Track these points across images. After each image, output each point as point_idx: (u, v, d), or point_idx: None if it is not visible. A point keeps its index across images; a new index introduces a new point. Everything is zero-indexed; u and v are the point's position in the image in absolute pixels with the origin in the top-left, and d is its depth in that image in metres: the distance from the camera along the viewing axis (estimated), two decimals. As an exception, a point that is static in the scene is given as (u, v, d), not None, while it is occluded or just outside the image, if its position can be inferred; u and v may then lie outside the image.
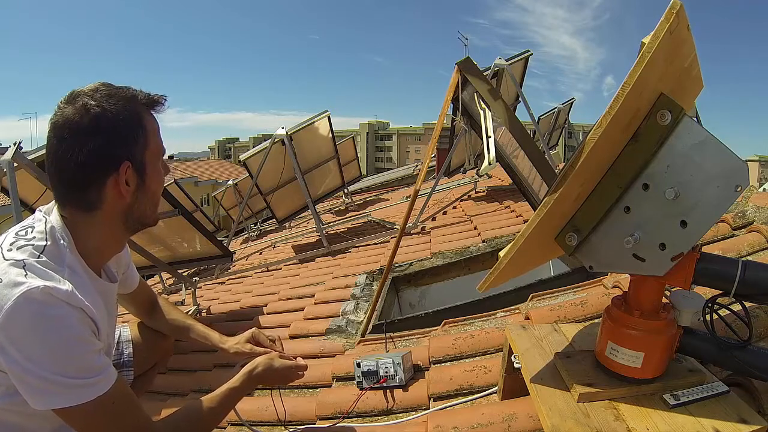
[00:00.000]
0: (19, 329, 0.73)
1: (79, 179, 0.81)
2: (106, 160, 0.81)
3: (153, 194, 0.90)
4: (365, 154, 55.37)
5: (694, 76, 0.86)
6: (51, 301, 0.74)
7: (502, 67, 3.81)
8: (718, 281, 0.78)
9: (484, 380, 1.28)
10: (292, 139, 4.06)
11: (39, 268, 0.77)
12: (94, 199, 0.83)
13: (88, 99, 0.79)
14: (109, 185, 0.82)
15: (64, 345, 0.75)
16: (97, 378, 0.79)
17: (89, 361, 0.79)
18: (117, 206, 0.85)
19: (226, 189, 9.84)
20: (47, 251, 0.81)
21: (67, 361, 0.76)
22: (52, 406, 0.76)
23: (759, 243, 1.42)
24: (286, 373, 1.11)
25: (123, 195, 0.84)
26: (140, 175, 0.85)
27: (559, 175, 0.72)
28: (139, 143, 0.84)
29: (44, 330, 0.74)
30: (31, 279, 0.75)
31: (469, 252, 2.61)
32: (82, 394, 0.77)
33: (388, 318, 1.97)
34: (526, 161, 2.34)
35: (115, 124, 0.81)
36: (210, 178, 20.53)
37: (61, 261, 0.81)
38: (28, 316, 0.73)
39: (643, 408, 0.76)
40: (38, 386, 0.75)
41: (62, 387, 0.75)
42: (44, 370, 0.74)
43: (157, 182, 0.90)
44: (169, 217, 2.70)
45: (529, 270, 1.23)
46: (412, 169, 10.85)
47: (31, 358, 0.73)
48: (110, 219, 0.86)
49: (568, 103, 8.15)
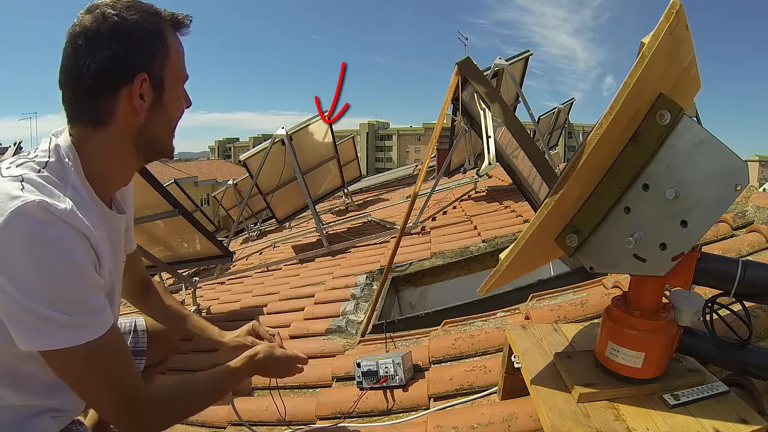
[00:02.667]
0: (10, 250, 0.65)
1: (92, 89, 0.76)
2: (121, 70, 0.76)
3: (169, 117, 0.84)
4: (365, 154, 55.36)
5: (692, 76, 0.86)
6: (47, 218, 0.67)
7: (502, 67, 3.81)
8: (718, 281, 0.78)
9: (484, 380, 1.28)
10: (292, 139, 4.06)
11: (38, 182, 0.70)
12: (106, 112, 0.77)
13: (107, 8, 0.76)
14: (122, 98, 0.77)
15: (58, 272, 0.68)
16: (92, 318, 0.72)
17: (85, 296, 0.71)
18: (130, 123, 0.79)
19: (226, 189, 9.85)
20: (49, 167, 0.74)
21: (60, 292, 0.68)
22: (39, 346, 0.69)
23: (759, 243, 1.42)
24: (287, 363, 1.08)
25: (137, 110, 0.78)
26: (157, 91, 0.80)
27: (559, 176, 0.72)
28: (158, 58, 0.79)
29: (37, 252, 0.66)
30: (28, 193, 0.68)
31: (469, 252, 2.61)
32: (73, 336, 0.70)
33: (388, 318, 1.97)
34: (526, 161, 2.34)
35: (133, 34, 0.76)
36: (210, 178, 20.53)
37: (64, 179, 0.74)
38: (21, 234, 0.65)
39: (643, 408, 0.76)
40: (26, 321, 0.68)
41: (51, 324, 0.68)
42: (33, 301, 0.67)
43: (176, 106, 0.85)
44: (169, 217, 2.71)
45: (530, 272, 1.23)
46: (412, 169, 10.85)
47: (20, 285, 0.66)
48: (122, 137, 0.80)
49: (568, 103, 8.15)
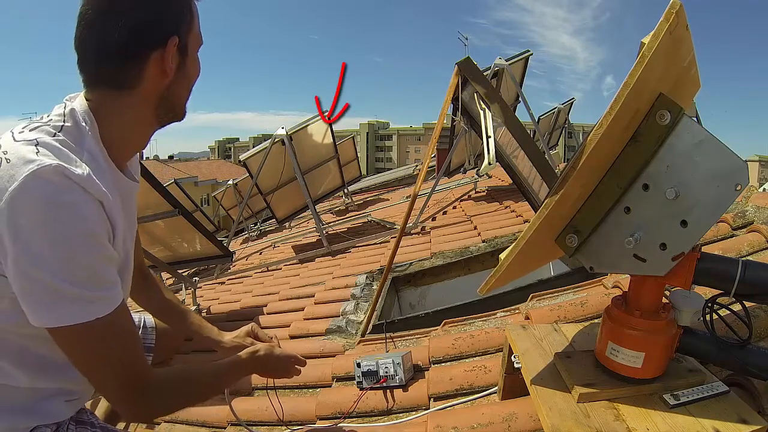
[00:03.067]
0: (24, 215, 0.63)
1: (122, 51, 0.74)
2: (156, 32, 0.75)
3: (189, 81, 0.85)
4: (365, 154, 55.36)
5: (692, 76, 0.86)
6: (64, 184, 0.65)
7: (502, 67, 3.81)
8: (718, 281, 0.78)
9: (484, 380, 1.28)
10: (292, 139, 4.06)
11: (54, 145, 0.68)
12: (133, 75, 0.76)
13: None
14: (152, 60, 0.76)
15: (71, 239, 0.65)
16: (102, 294, 0.70)
17: (97, 268, 0.69)
18: (156, 86, 0.78)
19: (226, 189, 9.84)
20: (65, 131, 0.72)
21: (72, 261, 0.66)
22: (48, 323, 0.67)
23: (759, 243, 1.42)
24: (286, 362, 1.09)
25: (166, 72, 0.77)
26: (182, 55, 0.80)
27: (559, 176, 0.72)
28: (186, 23, 0.79)
29: (51, 217, 0.64)
30: (44, 157, 0.65)
31: (469, 252, 2.61)
32: (82, 311, 0.68)
33: (388, 318, 1.97)
34: (526, 161, 2.34)
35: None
36: (210, 178, 20.54)
37: (80, 143, 0.72)
38: (36, 199, 0.63)
39: (643, 408, 0.76)
40: (36, 293, 0.66)
41: (61, 297, 0.66)
42: (44, 270, 0.64)
43: (196, 69, 0.85)
44: (169, 217, 2.71)
45: (530, 272, 1.23)
46: (412, 169, 10.85)
47: (32, 252, 0.64)
48: (145, 101, 0.79)
49: (568, 103, 8.15)
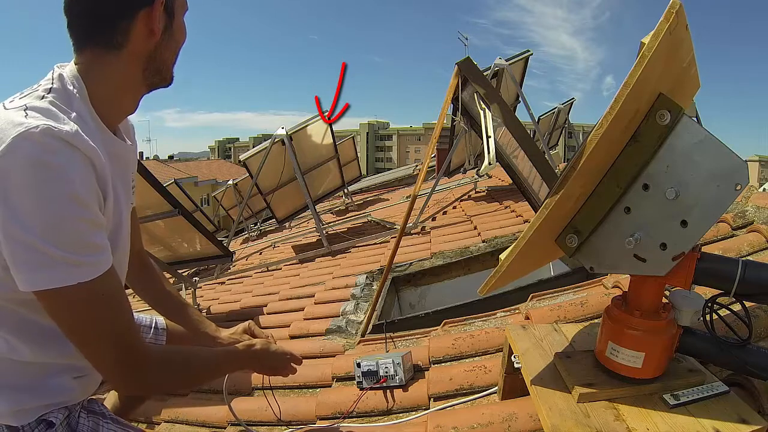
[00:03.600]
0: (11, 177, 0.63)
1: (111, 10, 0.75)
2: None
3: (176, 43, 0.85)
4: (365, 154, 55.35)
5: (691, 76, 0.86)
6: (52, 145, 0.65)
7: (502, 67, 3.82)
8: (718, 281, 0.78)
9: (484, 380, 1.28)
10: (292, 139, 4.06)
11: (42, 107, 0.69)
12: (120, 34, 0.76)
13: None
14: (140, 20, 0.76)
15: (57, 203, 0.65)
16: (89, 258, 0.69)
17: (83, 231, 0.68)
18: (144, 46, 0.79)
19: (226, 189, 9.85)
20: (53, 92, 0.72)
21: (58, 223, 0.66)
22: (33, 285, 0.67)
23: (759, 243, 1.42)
24: (282, 359, 1.08)
25: (153, 32, 0.78)
26: (169, 17, 0.81)
27: (560, 176, 0.72)
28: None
29: (37, 180, 0.64)
30: (32, 119, 0.66)
31: (469, 252, 2.61)
32: (67, 274, 0.67)
33: (388, 318, 1.97)
34: (526, 161, 2.34)
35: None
36: (210, 178, 20.54)
37: (69, 104, 0.73)
38: (23, 161, 0.63)
39: (643, 408, 0.76)
40: (20, 257, 0.65)
41: (46, 260, 0.65)
42: (30, 233, 0.64)
43: (182, 33, 0.86)
44: (169, 217, 2.71)
45: (530, 272, 1.23)
46: (412, 169, 10.85)
47: (18, 216, 0.64)
48: (133, 61, 0.79)
49: (568, 103, 8.14)
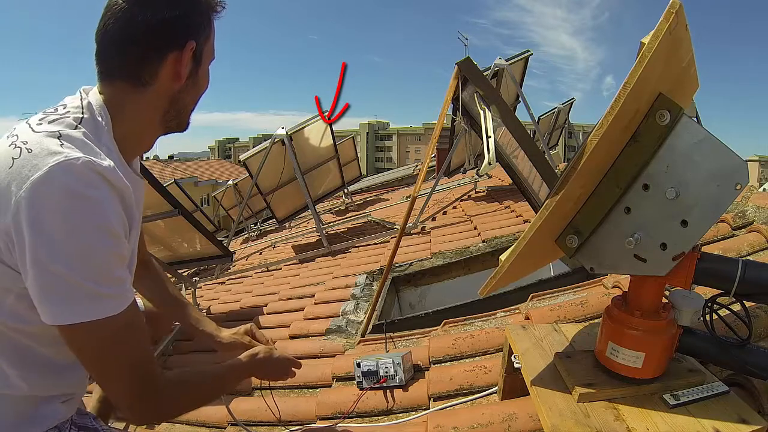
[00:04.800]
0: (45, 206, 0.62)
1: (142, 46, 0.76)
2: (177, 34, 0.78)
3: (198, 90, 0.86)
4: (365, 154, 55.35)
5: (691, 76, 0.86)
6: (91, 178, 0.65)
7: (502, 67, 3.81)
8: (718, 281, 0.78)
9: (484, 380, 1.28)
10: (292, 139, 4.06)
11: (77, 138, 0.69)
12: (149, 72, 0.78)
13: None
14: (169, 61, 0.78)
15: (92, 236, 0.65)
16: (113, 291, 0.69)
17: (111, 266, 0.68)
18: (168, 88, 0.80)
19: (226, 189, 9.85)
20: (84, 123, 0.73)
21: (91, 258, 0.65)
22: (61, 319, 0.66)
23: (759, 243, 1.42)
24: (283, 365, 1.10)
25: (180, 76, 0.79)
26: (196, 63, 0.82)
27: (560, 176, 0.72)
28: (204, 32, 0.82)
29: (75, 211, 0.63)
30: (68, 149, 0.65)
31: (469, 252, 2.61)
32: (96, 308, 0.67)
33: (388, 318, 1.97)
34: (526, 161, 2.34)
35: (193, 4, 0.79)
36: (210, 178, 20.53)
37: (99, 137, 0.73)
38: (60, 190, 0.63)
39: (643, 408, 0.76)
40: (49, 288, 0.65)
41: (76, 293, 0.65)
42: (62, 264, 0.63)
43: (205, 81, 0.87)
44: (169, 217, 2.70)
45: (530, 273, 1.23)
46: (412, 169, 10.85)
47: (50, 245, 0.63)
48: (156, 101, 0.81)
49: (568, 103, 8.14)
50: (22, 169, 0.64)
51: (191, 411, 0.90)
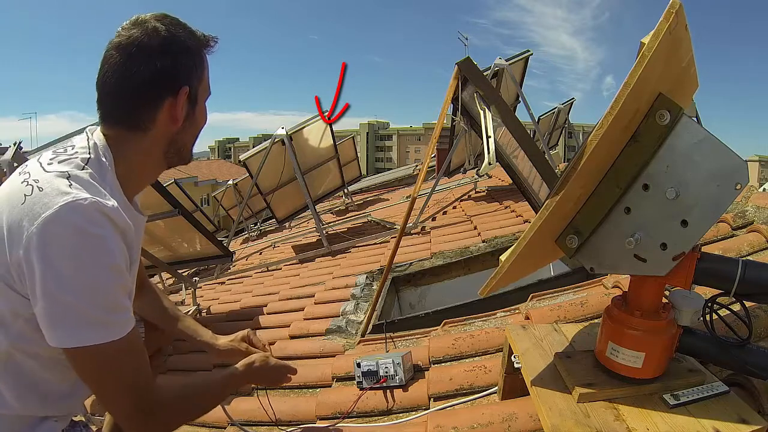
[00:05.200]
0: (55, 242, 0.68)
1: (139, 96, 0.81)
2: (170, 81, 0.81)
3: (196, 129, 0.90)
4: (365, 154, 55.32)
5: (690, 76, 0.86)
6: (97, 218, 0.70)
7: (502, 67, 3.81)
8: (718, 281, 0.78)
9: (484, 380, 1.28)
10: (292, 139, 4.06)
11: (84, 180, 0.74)
12: (146, 119, 0.82)
13: (157, 23, 0.80)
14: (164, 107, 0.82)
15: (99, 271, 0.70)
16: (118, 318, 0.75)
17: (116, 297, 0.74)
18: (166, 131, 0.84)
19: (226, 189, 9.86)
20: (91, 164, 0.78)
21: (97, 290, 0.71)
22: (67, 342, 0.71)
23: (759, 243, 1.42)
24: (279, 372, 1.13)
25: (176, 119, 0.83)
26: (192, 105, 0.86)
27: (560, 177, 0.72)
28: (197, 74, 0.85)
29: (83, 248, 0.69)
30: (77, 190, 0.71)
31: (469, 252, 2.61)
32: (100, 333, 0.72)
33: (388, 318, 1.97)
34: (526, 161, 2.34)
35: (183, 50, 0.82)
36: (210, 178, 20.50)
37: (104, 177, 0.78)
38: (69, 228, 0.68)
39: (643, 408, 0.76)
40: (57, 315, 0.70)
41: (83, 320, 0.71)
42: (70, 294, 0.69)
43: (203, 119, 0.91)
44: (169, 217, 2.71)
45: (530, 273, 1.23)
46: (412, 169, 10.85)
47: (60, 277, 0.68)
48: (155, 143, 0.85)
49: (568, 103, 8.15)
50: (34, 206, 0.69)
51: (189, 422, 0.94)
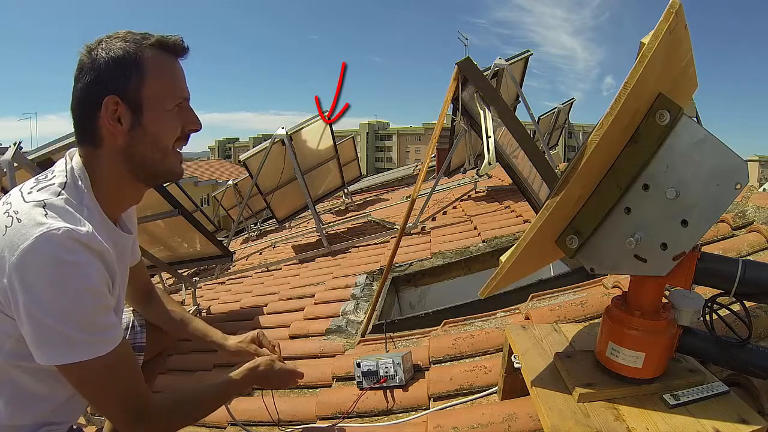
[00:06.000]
0: (33, 271, 0.71)
1: (78, 114, 0.84)
2: (91, 96, 0.82)
3: (154, 139, 0.85)
4: (365, 154, 55.33)
5: (689, 76, 0.86)
6: (71, 246, 0.73)
7: (502, 67, 3.81)
8: (718, 281, 0.78)
9: (484, 380, 1.28)
10: (292, 139, 4.06)
11: (60, 207, 0.76)
12: (95, 135, 0.84)
13: (97, 43, 0.83)
14: (101, 121, 0.82)
15: (76, 295, 0.73)
16: (103, 337, 0.78)
17: (98, 317, 0.77)
18: (114, 144, 0.84)
19: (226, 189, 9.85)
20: (67, 188, 0.81)
21: (77, 313, 0.74)
22: (54, 361, 0.75)
23: (759, 243, 1.42)
24: (285, 376, 1.13)
25: (112, 132, 0.83)
26: (135, 114, 0.83)
27: (560, 177, 0.72)
28: (131, 82, 0.82)
29: (59, 276, 0.72)
30: (52, 220, 0.74)
31: (469, 252, 2.61)
32: (85, 351, 0.75)
33: (388, 318, 1.97)
34: (526, 161, 2.34)
35: (106, 62, 0.81)
36: (210, 178, 20.48)
37: (80, 200, 0.81)
38: (45, 258, 0.71)
39: (643, 408, 0.76)
40: (42, 336, 0.73)
41: (66, 341, 0.74)
42: (51, 318, 0.72)
43: (162, 127, 0.85)
44: (169, 217, 2.71)
45: (530, 274, 1.23)
46: (412, 169, 10.85)
47: (40, 303, 0.72)
48: (111, 158, 0.85)
49: (568, 103, 8.14)
50: (13, 237, 0.72)
51: (189, 425, 0.95)
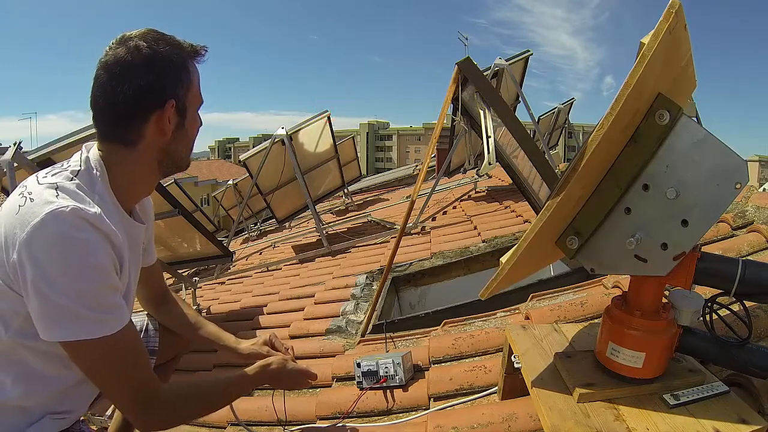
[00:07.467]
0: (41, 247, 0.73)
1: (125, 113, 0.84)
2: (155, 97, 0.85)
3: (189, 138, 0.94)
4: (365, 154, 55.32)
5: (689, 75, 0.86)
6: (78, 223, 0.75)
7: (502, 67, 3.81)
8: (718, 281, 0.78)
9: (484, 380, 1.28)
10: (292, 139, 4.06)
11: (71, 189, 0.79)
12: (136, 134, 0.86)
13: (139, 41, 0.83)
14: (152, 121, 0.85)
15: (83, 271, 0.75)
16: (108, 316, 0.79)
17: (104, 295, 0.79)
18: (156, 143, 0.88)
19: (226, 189, 9.85)
20: (80, 175, 0.83)
21: (83, 289, 0.75)
22: (59, 336, 0.76)
23: (759, 243, 1.42)
24: (296, 377, 1.13)
25: (165, 132, 0.87)
26: (181, 116, 0.89)
27: (561, 178, 0.72)
28: (184, 86, 0.88)
29: (66, 251, 0.74)
30: (62, 199, 0.76)
31: (469, 252, 2.61)
32: (89, 329, 0.76)
33: (388, 318, 1.97)
34: (526, 161, 2.34)
35: (165, 64, 0.85)
36: (210, 178, 20.48)
37: (92, 187, 0.83)
38: (53, 234, 0.73)
39: (643, 408, 0.76)
40: (48, 311, 0.75)
41: (72, 316, 0.75)
42: (58, 294, 0.74)
43: (195, 127, 0.94)
44: (169, 217, 2.71)
45: (531, 274, 1.23)
46: (412, 169, 10.84)
47: (48, 278, 0.73)
48: (148, 155, 0.89)
49: (568, 103, 8.14)
50: (25, 215, 0.75)
51: (197, 417, 0.96)
